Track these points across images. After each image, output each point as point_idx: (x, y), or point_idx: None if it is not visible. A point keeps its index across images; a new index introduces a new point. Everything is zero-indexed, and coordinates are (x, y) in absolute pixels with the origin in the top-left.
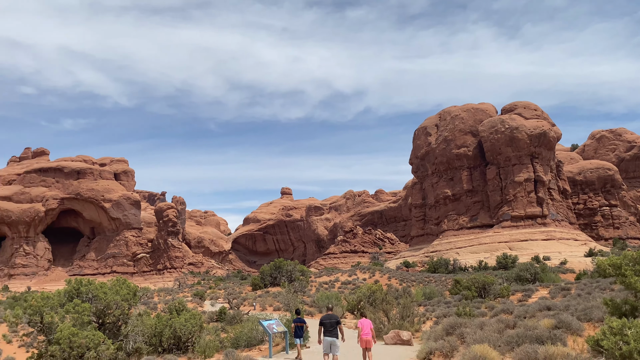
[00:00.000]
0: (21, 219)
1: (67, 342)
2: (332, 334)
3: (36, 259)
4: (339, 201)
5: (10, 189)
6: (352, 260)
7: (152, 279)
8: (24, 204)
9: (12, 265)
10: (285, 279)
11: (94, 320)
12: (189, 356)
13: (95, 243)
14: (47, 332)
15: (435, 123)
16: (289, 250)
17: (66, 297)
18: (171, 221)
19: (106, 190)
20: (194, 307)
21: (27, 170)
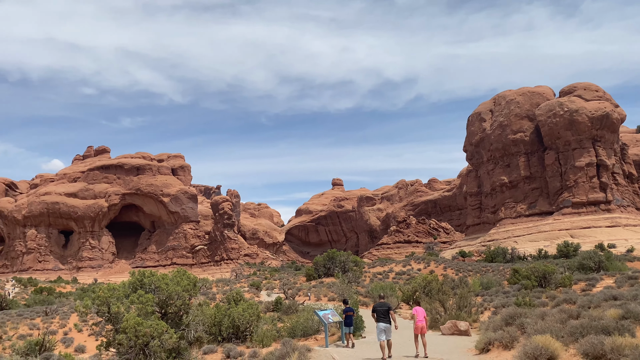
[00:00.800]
0: (86, 215)
1: (133, 331)
2: (385, 320)
3: (101, 252)
4: (391, 191)
5: (76, 186)
6: (405, 250)
7: (210, 270)
8: (88, 200)
9: (79, 258)
10: (338, 270)
11: (157, 310)
12: (247, 345)
13: (155, 236)
14: (114, 321)
15: (489, 108)
16: (342, 241)
17: (131, 288)
18: (226, 214)
19: (164, 185)
20: (250, 297)
21: (90, 168)
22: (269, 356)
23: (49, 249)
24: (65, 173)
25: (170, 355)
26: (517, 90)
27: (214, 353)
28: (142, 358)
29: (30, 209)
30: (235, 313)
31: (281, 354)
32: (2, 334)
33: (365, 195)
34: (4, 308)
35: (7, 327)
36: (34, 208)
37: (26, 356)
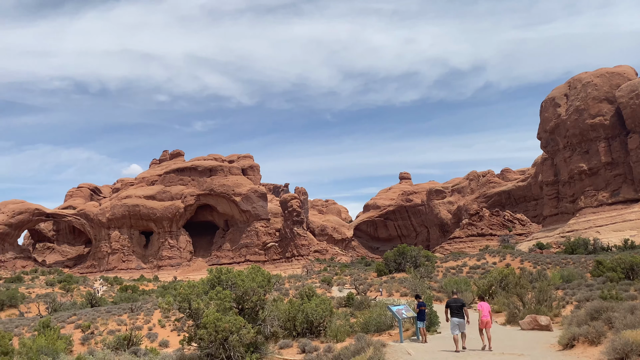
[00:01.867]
0: (164, 216)
1: (213, 327)
2: (459, 315)
3: (179, 251)
4: (462, 183)
5: (154, 189)
6: (479, 244)
7: (281, 266)
8: (165, 201)
9: (159, 257)
10: (410, 265)
11: (234, 306)
12: (321, 340)
13: (229, 234)
14: (194, 317)
15: (564, 93)
16: (412, 235)
17: (209, 285)
18: (295, 211)
19: (236, 185)
20: (322, 293)
21: (166, 171)
22: (344, 351)
23: (132, 249)
24: (144, 177)
25: (249, 349)
26: (594, 72)
27: (289, 348)
28: (222, 352)
29: (113, 212)
30: (308, 308)
31: (356, 348)
32: (94, 329)
33: (434, 189)
34: (94, 305)
35: (98, 322)
36: (116, 211)
37: (116, 350)
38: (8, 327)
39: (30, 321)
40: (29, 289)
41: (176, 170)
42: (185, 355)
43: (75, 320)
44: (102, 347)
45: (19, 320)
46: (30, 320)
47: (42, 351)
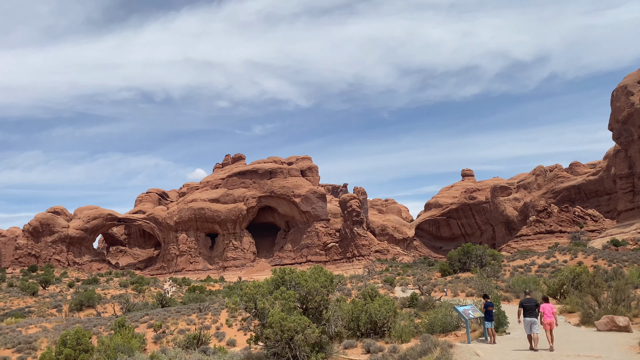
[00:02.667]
0: (228, 218)
1: (279, 326)
2: (532, 315)
3: (243, 252)
4: (528, 178)
5: (217, 192)
6: (548, 241)
7: (342, 266)
8: (229, 204)
9: (224, 258)
10: (475, 264)
11: (298, 305)
12: (386, 340)
13: (290, 235)
14: (260, 316)
15: (637, 80)
16: (476, 234)
17: (273, 285)
18: (355, 211)
19: (295, 187)
20: (385, 293)
21: (229, 175)
22: (409, 351)
23: (198, 250)
24: (208, 181)
25: (314, 349)
26: None
27: (354, 348)
28: (288, 351)
29: (180, 215)
30: (372, 309)
31: (422, 349)
32: (165, 328)
33: (499, 185)
34: (164, 305)
35: (169, 322)
36: (183, 214)
37: (186, 349)
38: (87, 326)
39: (107, 321)
40: (104, 290)
41: (238, 173)
42: (252, 354)
43: (147, 320)
44: (174, 346)
45: (96, 320)
46: (106, 319)
47: (118, 349)
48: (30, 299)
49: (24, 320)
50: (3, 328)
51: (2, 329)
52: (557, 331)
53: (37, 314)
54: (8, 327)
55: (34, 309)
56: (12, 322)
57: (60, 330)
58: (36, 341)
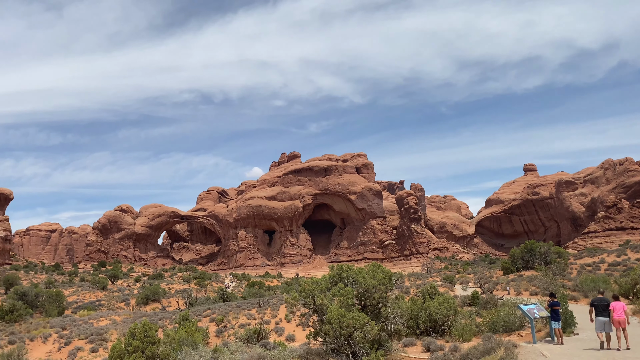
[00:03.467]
0: (285, 215)
1: (337, 322)
2: (604, 314)
3: (300, 249)
4: (595, 173)
5: (274, 190)
6: (618, 238)
7: (400, 264)
8: (285, 202)
9: (282, 254)
10: (539, 262)
11: (356, 302)
12: (446, 339)
13: (346, 232)
14: (319, 312)
15: None
16: (540, 231)
17: (331, 281)
18: (412, 208)
19: (350, 184)
20: (445, 291)
21: (284, 173)
22: (472, 351)
23: (257, 247)
24: (265, 179)
25: (373, 346)
26: None
27: (413, 346)
28: (347, 348)
29: (239, 213)
30: (431, 307)
31: (485, 348)
32: (226, 322)
33: (564, 180)
34: (225, 300)
35: (230, 316)
36: (242, 212)
37: (247, 343)
38: (153, 319)
39: (171, 314)
40: (169, 285)
41: (294, 171)
42: (311, 349)
43: (209, 314)
44: (235, 340)
45: (161, 313)
46: (171, 313)
47: (183, 342)
48: (100, 293)
49: (95, 313)
50: (77, 320)
51: (76, 321)
52: (630, 332)
53: (107, 307)
54: (81, 319)
55: (104, 303)
56: (85, 315)
57: (129, 322)
58: (106, 333)
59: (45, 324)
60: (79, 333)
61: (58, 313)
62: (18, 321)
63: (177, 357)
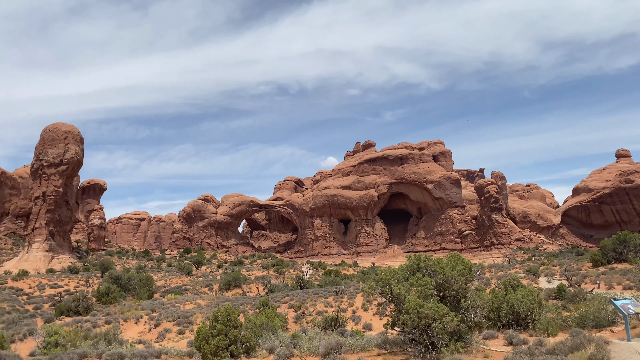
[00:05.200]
0: (360, 204)
1: (415, 313)
2: None
3: (375, 238)
4: None
5: (349, 179)
6: None
7: (480, 255)
8: (360, 191)
9: (357, 244)
10: (633, 254)
11: (435, 293)
12: (530, 333)
13: (423, 222)
14: (396, 302)
15: None
16: (634, 221)
17: (408, 271)
18: (493, 197)
19: (427, 173)
20: (528, 283)
21: (359, 162)
22: (559, 346)
23: (332, 236)
24: (340, 168)
25: (452, 337)
26: None
27: (494, 339)
28: (426, 338)
29: (314, 202)
30: (514, 299)
31: (574, 344)
32: (304, 309)
33: None
34: (302, 287)
35: (307, 303)
36: (317, 201)
37: (325, 330)
38: (235, 304)
39: (252, 300)
40: (249, 272)
41: (368, 160)
42: (389, 338)
43: (288, 301)
44: (313, 327)
45: (242, 299)
46: (251, 299)
47: (263, 327)
48: (186, 278)
49: (181, 297)
50: (165, 303)
51: (164, 304)
52: None
53: (192, 291)
54: (169, 303)
55: (189, 287)
56: (172, 299)
57: (212, 307)
58: (192, 316)
59: (137, 306)
60: (167, 315)
61: (148, 296)
62: (113, 303)
63: (258, 341)
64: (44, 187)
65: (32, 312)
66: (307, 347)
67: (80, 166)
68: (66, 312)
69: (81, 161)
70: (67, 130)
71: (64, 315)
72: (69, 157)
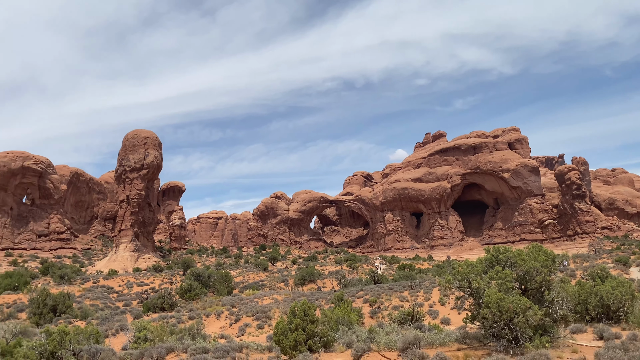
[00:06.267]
0: (432, 197)
1: (496, 306)
2: None
3: (450, 231)
4: None
5: (420, 172)
6: None
7: (562, 245)
8: (432, 183)
9: (431, 237)
10: None
11: (516, 286)
12: (622, 327)
13: (500, 213)
14: (475, 296)
15: None
16: None
17: (487, 264)
18: (574, 184)
19: (503, 161)
20: (618, 274)
21: (430, 153)
22: None
23: (404, 230)
24: (410, 160)
25: (536, 332)
26: None
27: (583, 333)
28: (508, 333)
29: (385, 196)
30: (603, 291)
31: None
32: (379, 304)
33: None
34: (376, 282)
35: (382, 298)
36: (387, 195)
37: (401, 324)
38: (310, 299)
39: (326, 294)
40: (323, 267)
41: (439, 151)
42: (469, 333)
43: (362, 296)
44: (389, 321)
45: (317, 294)
46: (326, 294)
47: (339, 321)
48: (262, 274)
49: (259, 293)
50: (244, 299)
51: (243, 299)
52: None
53: (268, 287)
54: (247, 298)
55: (266, 283)
56: (250, 294)
57: (289, 302)
58: (270, 311)
59: (217, 302)
60: (246, 311)
61: (227, 292)
62: (195, 299)
63: (335, 335)
64: (128, 190)
65: (122, 309)
66: (385, 341)
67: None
68: (152, 309)
69: (160, 165)
70: (146, 136)
71: (150, 312)
72: (149, 161)
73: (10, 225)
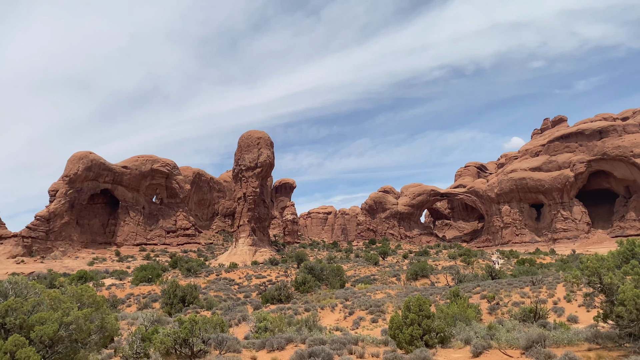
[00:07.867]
0: (553, 187)
1: (633, 304)
2: None
3: (574, 223)
4: None
5: (538, 160)
6: None
7: None
8: (552, 172)
9: (553, 230)
10: None
11: None
12: None
13: (632, 202)
14: (607, 292)
15: None
16: None
17: (620, 258)
18: None
19: (634, 145)
20: None
21: (549, 140)
22: None
23: (523, 222)
24: (527, 149)
25: None
26: None
27: None
28: None
29: (500, 187)
30: None
31: None
32: (498, 300)
33: None
34: (494, 277)
35: (501, 294)
36: (503, 186)
37: (523, 322)
38: (424, 294)
39: (441, 290)
40: (435, 262)
41: (560, 137)
42: (600, 332)
43: (479, 291)
44: (510, 318)
45: (431, 289)
46: (440, 289)
47: (456, 317)
48: (373, 268)
49: (371, 287)
50: (356, 292)
51: (356, 293)
52: None
53: (380, 281)
54: (360, 292)
55: (377, 277)
56: (363, 288)
57: (402, 297)
58: (383, 305)
59: (331, 295)
60: (360, 304)
61: (340, 286)
62: (309, 292)
63: (452, 331)
64: (244, 188)
65: (242, 300)
66: (506, 338)
67: (272, 168)
68: (270, 300)
69: (273, 163)
70: (259, 136)
71: (269, 303)
72: (262, 160)
73: (143, 222)
